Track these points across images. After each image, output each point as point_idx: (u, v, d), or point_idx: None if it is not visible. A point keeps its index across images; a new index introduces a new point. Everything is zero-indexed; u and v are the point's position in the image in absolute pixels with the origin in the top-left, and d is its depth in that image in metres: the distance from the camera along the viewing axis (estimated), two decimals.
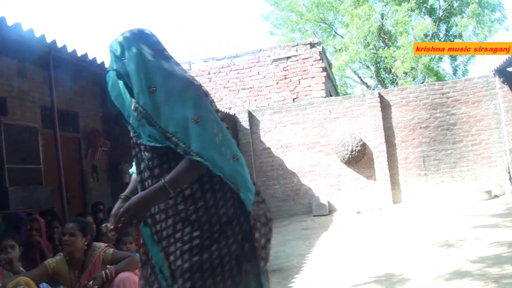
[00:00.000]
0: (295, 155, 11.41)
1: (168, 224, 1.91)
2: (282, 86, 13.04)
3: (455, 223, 7.38)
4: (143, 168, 1.99)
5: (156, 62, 1.91)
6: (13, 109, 6.46)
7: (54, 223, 5.51)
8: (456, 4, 20.68)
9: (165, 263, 1.89)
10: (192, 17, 50.54)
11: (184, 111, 1.80)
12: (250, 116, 11.70)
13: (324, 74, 12.93)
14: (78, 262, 3.57)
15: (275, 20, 23.74)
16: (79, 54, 5.55)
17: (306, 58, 12.96)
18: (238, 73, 13.38)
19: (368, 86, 24.17)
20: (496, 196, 9.91)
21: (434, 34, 21.09)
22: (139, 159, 2.01)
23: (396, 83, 19.77)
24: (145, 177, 1.98)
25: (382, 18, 20.38)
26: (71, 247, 3.50)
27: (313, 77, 12.85)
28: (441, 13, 21.08)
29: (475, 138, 10.47)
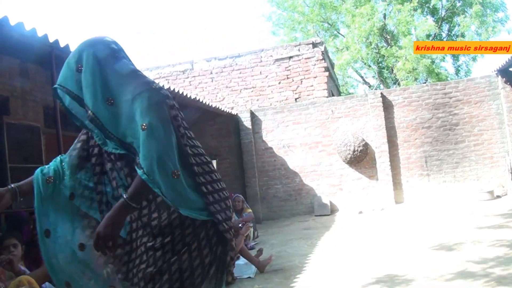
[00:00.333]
0: (297, 155, 11.40)
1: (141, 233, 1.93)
2: (284, 86, 13.04)
3: (458, 224, 7.36)
4: (113, 177, 1.98)
5: (114, 72, 1.88)
6: (16, 109, 6.47)
7: None
8: (459, 4, 20.60)
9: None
10: (192, 17, 50.60)
11: (136, 119, 1.79)
12: (252, 116, 11.70)
13: (327, 74, 12.92)
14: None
15: (277, 20, 23.70)
16: None
17: (309, 58, 12.95)
18: (240, 73, 13.37)
19: (370, 86, 24.14)
20: (498, 197, 9.89)
21: (437, 34, 21.03)
22: (109, 169, 2.00)
23: (398, 84, 19.74)
24: (116, 186, 1.99)
25: (385, 18, 20.34)
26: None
27: (316, 77, 12.85)
28: (444, 13, 21.03)
29: (478, 138, 10.45)
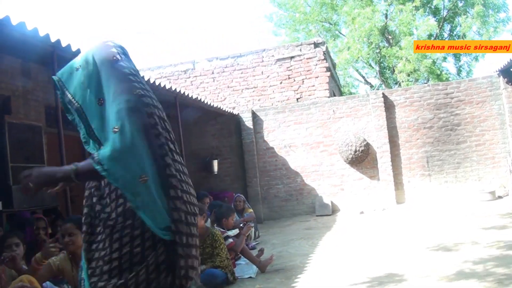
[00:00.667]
0: (299, 155, 11.40)
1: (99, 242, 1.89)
2: (286, 86, 13.03)
3: (459, 224, 7.36)
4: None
5: (108, 75, 1.89)
6: (17, 108, 6.48)
7: (58, 222, 5.54)
8: (461, 4, 20.59)
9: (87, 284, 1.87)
10: (192, 17, 50.58)
11: (110, 121, 1.78)
12: (254, 116, 11.70)
13: (328, 74, 12.91)
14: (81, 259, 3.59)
15: (278, 21, 23.71)
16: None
17: (310, 58, 12.94)
18: (242, 73, 13.37)
19: (372, 86, 24.14)
20: (500, 197, 9.87)
21: (438, 35, 21.02)
22: None
23: (399, 84, 19.73)
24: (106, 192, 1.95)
25: (386, 18, 20.33)
26: (73, 246, 3.54)
27: (317, 77, 12.84)
28: (446, 13, 21.01)
29: (479, 139, 10.44)
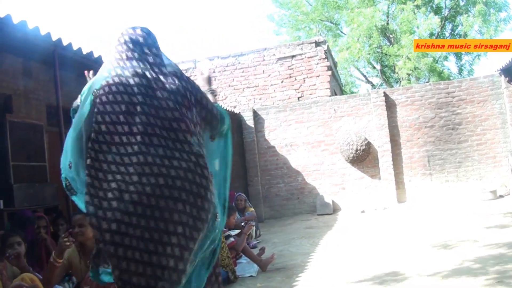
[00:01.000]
0: (300, 154, 11.40)
1: None
2: (287, 85, 13.03)
3: (460, 223, 7.35)
4: None
5: None
6: (19, 107, 6.47)
7: (59, 221, 5.54)
8: (462, 3, 20.57)
9: None
10: (192, 17, 50.60)
11: None
12: (255, 115, 11.69)
13: (329, 73, 12.91)
14: (90, 251, 3.64)
15: (280, 20, 23.70)
16: (85, 52, 5.56)
17: (311, 57, 12.94)
18: (243, 72, 13.37)
19: (373, 85, 24.11)
20: (501, 196, 9.86)
21: (440, 34, 21.00)
22: None
23: (400, 82, 19.72)
24: None
25: (388, 17, 20.31)
26: (83, 237, 3.63)
27: (318, 76, 12.83)
28: (447, 12, 20.98)
29: (480, 138, 10.43)
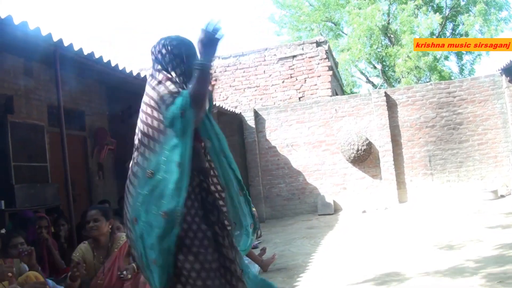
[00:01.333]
0: (301, 154, 11.39)
1: None
2: (288, 85, 13.02)
3: (462, 223, 7.34)
4: None
5: None
6: (20, 108, 6.49)
7: (60, 221, 5.55)
8: (463, 3, 20.57)
9: None
10: (193, 17, 50.58)
11: None
12: (256, 115, 11.69)
13: (330, 73, 12.90)
14: (104, 247, 3.72)
15: (281, 20, 23.71)
16: (86, 53, 5.55)
17: (312, 57, 12.93)
18: (244, 72, 13.37)
19: (374, 85, 24.09)
20: (502, 196, 9.85)
21: (441, 33, 20.99)
22: None
23: (399, 81, 19.72)
24: None
25: (389, 16, 20.30)
26: (97, 232, 3.66)
27: (319, 76, 12.83)
28: (448, 12, 20.98)
29: (481, 138, 10.41)
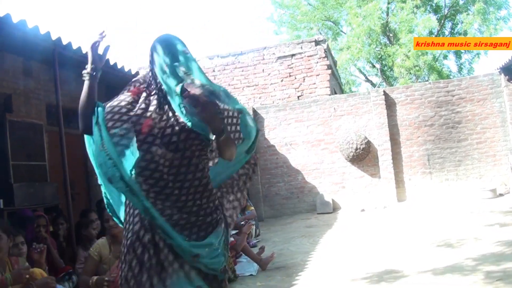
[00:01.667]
0: (300, 153, 11.40)
1: None
2: (287, 84, 13.02)
3: (460, 221, 7.35)
4: None
5: None
6: (19, 106, 6.48)
7: (59, 220, 5.54)
8: (462, 2, 20.58)
9: None
10: (193, 17, 50.57)
11: None
12: (255, 114, 11.68)
13: (329, 72, 12.90)
14: (121, 243, 3.75)
15: (280, 19, 23.70)
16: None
17: (311, 56, 12.92)
18: (243, 71, 13.37)
19: (373, 84, 24.10)
20: (501, 195, 9.86)
21: (439, 32, 21.00)
22: None
23: (397, 80, 19.74)
24: None
25: (387, 15, 20.31)
26: (117, 229, 3.84)
27: (318, 75, 12.83)
28: (447, 11, 20.99)
29: (480, 137, 10.43)
